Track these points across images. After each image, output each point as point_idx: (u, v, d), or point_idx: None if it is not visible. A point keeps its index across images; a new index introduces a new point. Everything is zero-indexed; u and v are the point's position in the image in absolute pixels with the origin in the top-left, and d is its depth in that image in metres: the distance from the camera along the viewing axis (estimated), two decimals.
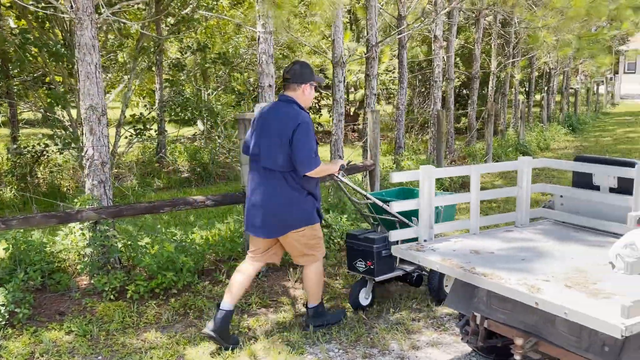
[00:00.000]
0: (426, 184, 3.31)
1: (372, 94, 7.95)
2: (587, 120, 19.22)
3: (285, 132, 3.60)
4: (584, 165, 3.56)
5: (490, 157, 10.77)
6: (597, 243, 3.29)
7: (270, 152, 3.64)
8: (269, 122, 3.72)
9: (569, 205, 3.75)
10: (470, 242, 3.34)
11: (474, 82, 11.98)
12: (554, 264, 2.90)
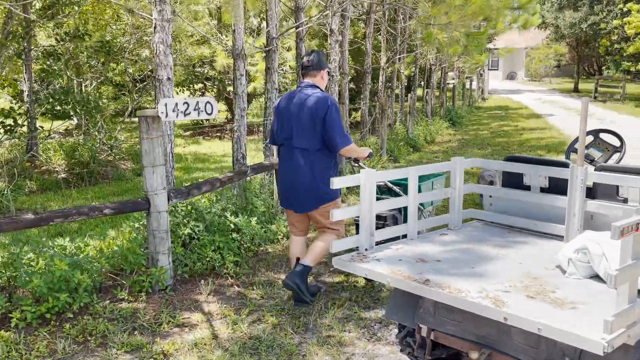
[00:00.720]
0: (367, 189, 3.08)
1: (273, 88, 7.61)
2: (464, 114, 20.31)
3: (317, 113, 3.94)
4: (514, 165, 3.53)
5: (384, 152, 10.89)
6: (536, 245, 3.25)
7: (304, 134, 3.99)
8: (299, 106, 4.03)
9: (498, 206, 3.71)
10: (412, 249, 3.16)
11: (365, 77, 12.06)
12: (505, 271, 2.79)
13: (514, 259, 2.98)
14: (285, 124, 4.10)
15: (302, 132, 4.01)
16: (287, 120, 4.09)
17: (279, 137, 4.18)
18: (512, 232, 3.50)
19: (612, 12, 28.37)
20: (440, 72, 21.13)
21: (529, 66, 48.76)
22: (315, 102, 3.99)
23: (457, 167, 3.57)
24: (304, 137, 4.01)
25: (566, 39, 34.22)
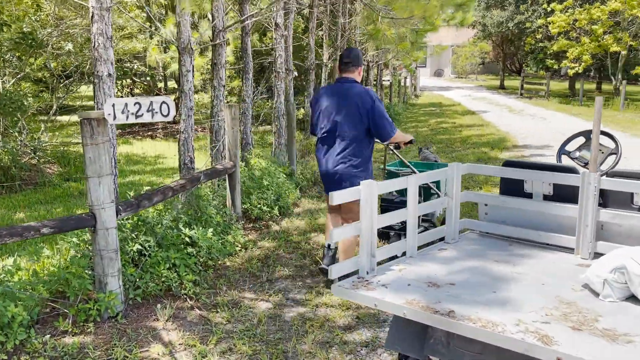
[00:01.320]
0: (369, 203, 2.68)
1: (220, 85, 7.07)
2: (400, 111, 20.34)
3: (363, 106, 4.19)
4: (515, 171, 3.24)
5: None
6: (548, 260, 2.97)
7: (349, 125, 4.23)
8: (344, 99, 4.27)
9: (495, 215, 3.42)
10: (417, 270, 2.80)
11: (309, 74, 11.67)
12: (531, 294, 2.48)
13: (533, 279, 2.67)
14: (330, 116, 4.34)
15: (348, 124, 4.26)
16: (331, 113, 4.33)
17: (322, 128, 4.39)
18: (514, 245, 3.21)
19: (536, 11, 29.44)
20: (377, 69, 21.07)
21: (455, 63, 50.05)
22: (359, 95, 4.25)
23: (454, 173, 3.25)
24: (349, 128, 4.26)
25: (492, 37, 35.27)
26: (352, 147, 4.27)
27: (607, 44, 24.36)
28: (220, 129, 7.06)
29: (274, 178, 6.93)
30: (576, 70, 25.69)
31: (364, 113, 4.21)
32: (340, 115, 4.28)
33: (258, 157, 8.16)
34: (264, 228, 6.25)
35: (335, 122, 4.30)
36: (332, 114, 4.32)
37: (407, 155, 10.15)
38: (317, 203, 7.41)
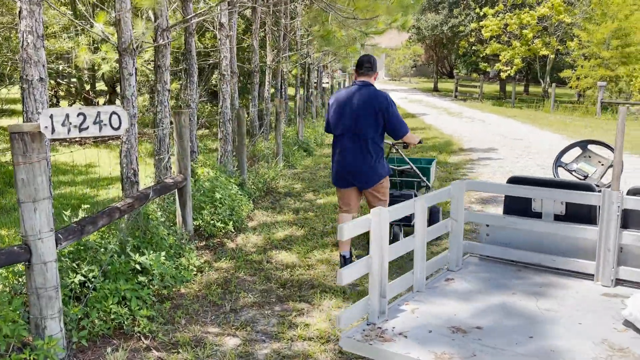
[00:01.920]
0: (379, 235, 2.26)
1: (165, 89, 6.46)
2: None
3: (380, 107, 4.59)
4: (523, 188, 2.91)
5: (280, 158, 10.09)
6: (572, 290, 2.66)
7: (367, 124, 4.62)
8: (362, 101, 4.63)
9: (498, 237, 3.09)
10: (431, 310, 2.41)
11: (253, 76, 11.14)
12: (573, 338, 2.14)
13: (567, 318, 2.34)
14: (350, 115, 4.69)
15: (366, 123, 4.64)
16: (352, 113, 4.68)
17: (340, 127, 4.75)
18: (524, 271, 2.89)
19: (469, 15, 30.10)
20: (317, 72, 20.76)
21: (389, 66, 50.67)
22: (376, 98, 4.65)
23: (457, 193, 2.89)
24: (366, 127, 4.64)
25: (426, 40, 35.83)
26: (369, 143, 4.69)
27: (536, 47, 25.17)
28: (166, 137, 6.45)
29: (226, 190, 6.40)
30: (508, 73, 26.40)
31: (380, 114, 4.63)
32: (360, 115, 4.67)
33: (205, 166, 7.58)
34: (218, 246, 5.71)
35: (355, 121, 4.68)
36: (353, 114, 4.69)
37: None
38: (271, 215, 6.92)
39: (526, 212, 2.99)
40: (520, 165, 10.28)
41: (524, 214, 2.99)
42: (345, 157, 4.77)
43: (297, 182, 8.90)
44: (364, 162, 4.71)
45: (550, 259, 2.85)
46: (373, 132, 4.65)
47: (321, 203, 7.51)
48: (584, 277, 2.76)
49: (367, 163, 4.71)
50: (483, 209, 7.13)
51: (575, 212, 2.83)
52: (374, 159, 4.71)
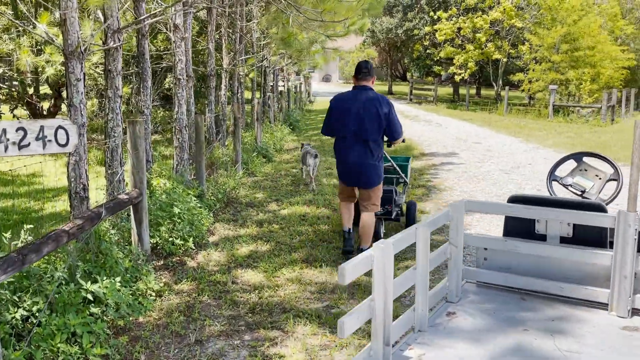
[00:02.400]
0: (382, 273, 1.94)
1: (116, 95, 5.97)
2: (299, 118, 19.78)
3: (382, 111, 4.89)
4: (526, 209, 2.65)
5: (240, 165, 9.67)
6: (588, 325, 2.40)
7: (370, 127, 4.91)
8: (365, 105, 4.91)
9: (497, 262, 2.82)
10: (441, 355, 2.10)
11: (210, 80, 10.68)
12: None
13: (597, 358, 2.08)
14: (353, 118, 4.99)
15: (370, 126, 4.96)
16: (355, 116, 4.98)
17: (344, 129, 5.06)
18: (529, 301, 2.64)
19: (423, 19, 30.32)
20: (273, 75, 20.37)
21: (343, 69, 50.69)
22: (378, 101, 4.98)
23: (456, 215, 2.60)
24: (369, 130, 4.97)
25: (381, 43, 35.93)
26: (372, 143, 5.02)
27: (489, 51, 25.53)
28: (118, 147, 5.97)
29: (184, 203, 5.96)
30: (462, 76, 26.69)
31: (383, 117, 4.96)
32: (364, 118, 4.97)
33: (161, 176, 7.11)
34: (178, 266, 5.28)
35: (360, 124, 4.99)
36: (357, 117, 4.99)
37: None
38: (233, 228, 6.52)
39: (529, 234, 2.74)
40: (484, 170, 10.20)
41: (527, 236, 2.74)
42: (350, 157, 5.12)
43: (258, 191, 8.51)
44: (367, 162, 5.08)
45: (558, 286, 2.61)
46: (376, 134, 5.02)
47: (285, 214, 7.15)
48: (596, 306, 2.52)
49: (370, 163, 5.09)
50: None
51: (584, 234, 2.60)
52: (375, 159, 5.10)
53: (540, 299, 2.64)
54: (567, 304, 2.58)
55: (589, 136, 15.77)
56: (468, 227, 6.53)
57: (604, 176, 3.57)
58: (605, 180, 3.56)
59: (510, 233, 2.84)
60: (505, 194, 8.20)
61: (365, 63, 5.22)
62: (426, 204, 7.65)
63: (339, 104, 5.17)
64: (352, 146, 5.07)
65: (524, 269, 2.74)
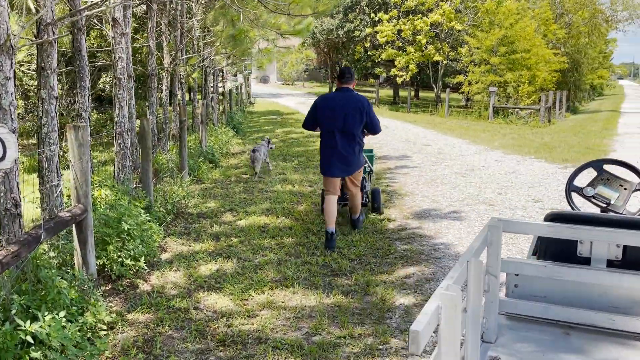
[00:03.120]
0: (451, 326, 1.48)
1: (51, 96, 5.25)
2: (241, 120, 19.12)
3: (362, 109, 5.69)
4: (566, 228, 2.27)
5: (186, 172, 9.00)
6: None
7: (353, 123, 5.67)
8: (347, 104, 5.68)
9: (529, 289, 2.43)
10: None
11: (151, 81, 9.93)
12: None
13: None
14: (336, 116, 5.64)
15: (353, 122, 5.63)
16: (338, 113, 5.63)
17: (331, 125, 5.68)
18: (576, 336, 2.26)
19: (364, 20, 30.25)
20: (213, 75, 19.60)
21: (281, 70, 50.15)
22: (360, 101, 5.69)
23: (495, 238, 2.19)
24: (352, 125, 5.64)
25: (321, 44, 35.67)
26: (355, 138, 5.72)
27: (429, 53, 25.74)
28: (55, 156, 5.27)
29: (133, 217, 5.31)
30: (404, 78, 26.79)
31: (364, 115, 5.68)
32: (348, 115, 5.64)
33: (103, 186, 6.41)
34: (129, 289, 4.65)
35: (344, 120, 5.65)
36: (341, 114, 5.65)
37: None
38: (187, 243, 5.92)
39: (567, 257, 2.38)
40: (439, 173, 10.00)
41: (564, 259, 2.37)
42: (336, 149, 5.73)
43: (209, 200, 7.89)
44: (351, 153, 5.76)
45: (608, 318, 2.26)
46: (358, 129, 5.72)
47: (243, 225, 6.60)
48: None
49: (353, 154, 5.77)
50: (421, 226, 6.61)
51: (636, 257, 2.26)
52: (357, 150, 5.78)
53: (588, 334, 2.28)
54: (620, 338, 2.24)
55: (532, 137, 16.02)
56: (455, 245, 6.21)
57: (630, 186, 3.25)
58: (631, 190, 3.25)
59: (545, 255, 2.47)
60: (467, 198, 7.99)
61: (347, 69, 6.01)
62: (391, 211, 7.30)
63: (324, 103, 5.82)
64: (339, 139, 5.72)
65: (562, 297, 2.38)
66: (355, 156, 5.77)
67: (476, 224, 6.69)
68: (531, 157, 12.11)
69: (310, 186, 8.82)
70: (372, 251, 5.66)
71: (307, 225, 6.54)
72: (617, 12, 30.32)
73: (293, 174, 9.81)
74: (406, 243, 5.95)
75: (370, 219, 6.83)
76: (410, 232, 6.33)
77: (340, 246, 5.77)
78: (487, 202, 7.80)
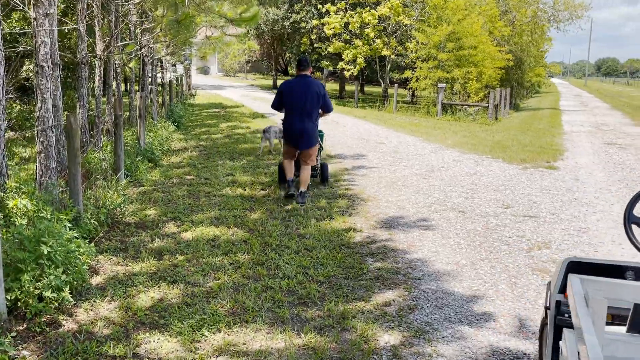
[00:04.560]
0: None
1: None
2: (182, 113, 17.98)
3: (319, 92, 7.12)
4: None
5: (122, 174, 7.98)
6: None
7: (313, 103, 7.10)
8: (307, 88, 7.08)
9: None
10: None
11: (81, 70, 8.80)
12: None
13: None
14: (298, 98, 7.11)
15: (311, 103, 7.13)
16: (300, 96, 7.10)
17: (294, 106, 7.16)
18: None
19: (310, 11, 29.43)
20: (152, 65, 18.32)
21: (222, 61, 48.66)
22: (317, 85, 7.20)
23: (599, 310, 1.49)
24: (312, 106, 7.15)
25: (265, 35, 34.59)
26: (313, 116, 7.18)
27: (377, 47, 25.28)
28: None
29: (56, 236, 4.35)
30: (352, 72, 26.22)
31: (320, 97, 7.14)
32: (307, 97, 7.06)
33: (21, 193, 5.40)
34: (49, 330, 3.72)
35: (304, 102, 7.06)
36: (302, 96, 7.06)
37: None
38: (124, 262, 5.01)
39: None
40: (399, 174, 9.40)
41: None
42: (297, 125, 7.14)
43: (149, 206, 6.95)
44: (310, 128, 7.18)
45: None
46: (316, 109, 7.18)
47: (189, 238, 5.74)
48: None
49: (311, 129, 7.21)
50: (391, 237, 5.94)
51: None
52: (314, 126, 7.27)
53: None
54: None
55: (483, 135, 15.77)
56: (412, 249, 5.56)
57: None
58: None
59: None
60: (434, 203, 7.41)
61: (304, 58, 7.45)
62: (355, 219, 6.60)
63: (288, 88, 7.22)
64: (299, 118, 7.13)
65: None
66: (313, 131, 7.25)
67: (450, 234, 6.10)
68: (488, 156, 11.74)
69: (263, 189, 8.01)
70: (343, 270, 4.94)
71: (264, 239, 5.74)
72: (559, 11, 30.92)
73: (242, 175, 8.96)
74: (378, 259, 5.26)
75: (334, 228, 6.12)
76: (380, 246, 5.65)
77: (305, 265, 5.02)
78: (456, 208, 7.24)
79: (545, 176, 9.61)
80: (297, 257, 5.21)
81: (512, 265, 5.18)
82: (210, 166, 9.77)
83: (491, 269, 5.08)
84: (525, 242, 5.89)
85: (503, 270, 5.04)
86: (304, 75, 7.17)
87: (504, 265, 5.19)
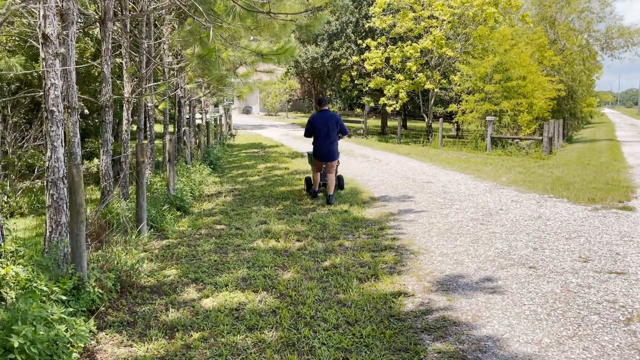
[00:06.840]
0: None
1: None
2: (220, 154, 17.43)
3: (337, 121, 9.69)
4: None
5: (145, 225, 7.22)
6: None
7: (333, 130, 9.66)
8: (329, 119, 9.62)
9: None
10: None
11: (106, 114, 8.23)
12: None
13: None
14: (323, 126, 9.63)
15: (333, 130, 9.68)
16: (324, 125, 9.63)
17: (320, 132, 9.69)
18: None
19: (350, 48, 28.94)
20: (189, 106, 17.96)
21: (264, 100, 48.75)
22: (335, 117, 9.75)
23: None
24: (333, 132, 9.68)
25: (305, 73, 34.29)
26: (335, 140, 9.81)
27: (420, 81, 24.42)
28: None
29: (41, 320, 3.54)
30: (394, 107, 25.38)
31: (338, 124, 9.76)
32: (329, 125, 9.67)
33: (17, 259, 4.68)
34: None
35: (327, 128, 9.67)
36: (325, 125, 9.65)
37: None
38: (129, 341, 4.15)
39: None
40: (452, 219, 8.34)
41: None
42: (323, 145, 9.75)
43: (170, 265, 6.13)
44: (333, 148, 9.78)
45: None
46: (335, 133, 9.76)
47: (210, 308, 4.85)
48: None
49: (334, 148, 9.80)
50: (451, 305, 4.90)
51: None
52: (336, 146, 9.82)
53: None
54: None
55: (541, 171, 14.52)
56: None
57: None
58: None
59: None
60: (497, 257, 6.32)
61: (323, 96, 10.02)
62: (405, 278, 5.59)
63: (316, 119, 9.69)
64: (325, 140, 9.70)
65: None
66: (335, 149, 9.77)
67: (523, 299, 5.01)
68: (550, 195, 10.54)
69: (299, 240, 7.11)
70: (393, 355, 3.93)
71: (296, 308, 4.80)
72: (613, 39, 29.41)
73: (277, 224, 8.10)
74: (438, 338, 4.23)
75: (380, 291, 5.14)
76: (438, 317, 4.62)
77: (345, 347, 4.04)
78: (525, 262, 6.14)
79: (621, 219, 8.35)
80: (336, 335, 4.24)
81: (611, 346, 4.06)
82: (244, 213, 8.96)
83: (584, 351, 3.98)
84: (620, 311, 4.74)
85: (601, 355, 3.93)
86: (324, 109, 9.77)
87: (599, 345, 4.07)
